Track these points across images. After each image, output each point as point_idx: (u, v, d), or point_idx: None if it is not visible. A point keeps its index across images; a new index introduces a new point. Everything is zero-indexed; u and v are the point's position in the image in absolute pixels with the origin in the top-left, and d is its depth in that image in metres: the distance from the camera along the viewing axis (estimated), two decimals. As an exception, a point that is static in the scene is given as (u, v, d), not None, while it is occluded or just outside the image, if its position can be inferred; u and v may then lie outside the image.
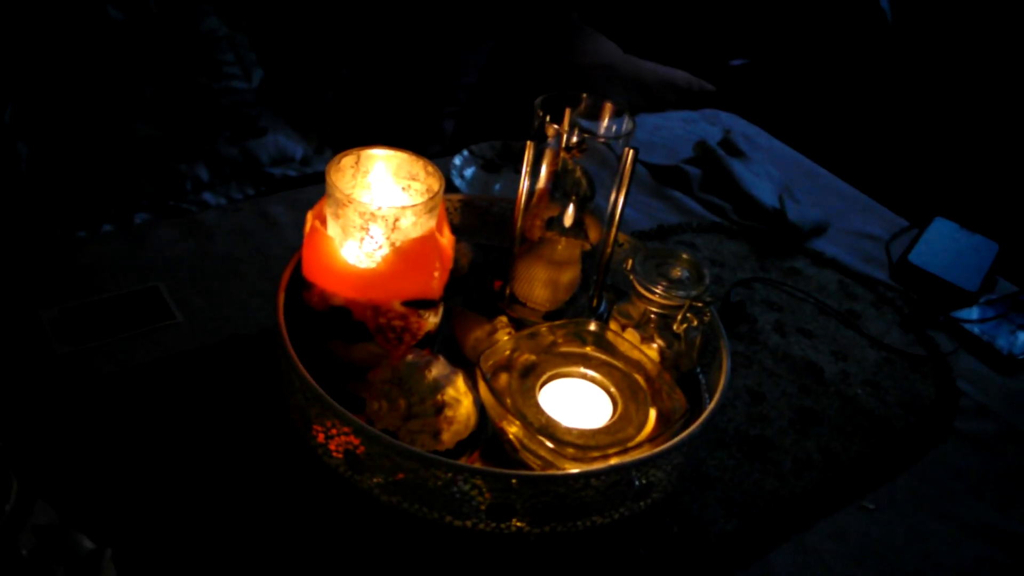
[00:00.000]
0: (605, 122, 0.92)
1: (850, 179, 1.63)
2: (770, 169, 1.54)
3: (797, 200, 1.44)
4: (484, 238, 1.09)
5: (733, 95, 2.25)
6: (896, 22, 2.42)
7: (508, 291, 0.97)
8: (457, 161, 1.36)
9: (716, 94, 2.22)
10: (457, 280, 0.96)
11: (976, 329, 1.23)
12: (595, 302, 0.99)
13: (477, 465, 0.81)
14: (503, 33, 2.31)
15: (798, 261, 1.34)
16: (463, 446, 0.80)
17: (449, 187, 1.26)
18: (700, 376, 0.95)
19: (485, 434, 0.83)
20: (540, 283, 0.94)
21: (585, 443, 0.77)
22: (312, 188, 1.32)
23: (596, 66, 2.21)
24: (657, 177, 1.49)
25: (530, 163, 0.89)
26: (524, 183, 0.90)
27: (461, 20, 2.31)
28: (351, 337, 0.83)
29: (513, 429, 0.77)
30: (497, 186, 1.35)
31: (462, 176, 1.34)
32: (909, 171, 2.30)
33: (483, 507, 0.73)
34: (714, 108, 1.87)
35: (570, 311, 0.97)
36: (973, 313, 1.26)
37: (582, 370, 0.85)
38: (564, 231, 0.92)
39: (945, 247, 1.38)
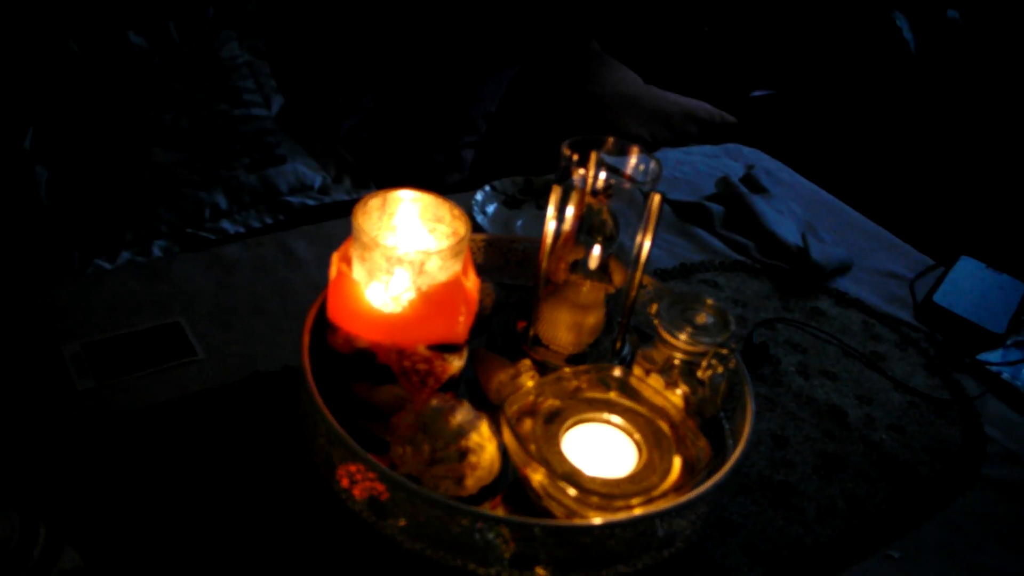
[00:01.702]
0: (632, 161, 0.92)
1: (873, 216, 1.62)
2: (792, 206, 1.53)
3: (821, 238, 1.43)
4: (507, 277, 1.09)
5: (755, 127, 2.24)
6: (920, 54, 2.42)
7: (532, 333, 0.96)
8: (479, 197, 1.36)
9: (737, 126, 2.22)
10: (480, 320, 0.95)
11: (1003, 372, 1.21)
12: (619, 345, 0.98)
13: (499, 511, 0.80)
14: (523, 62, 2.31)
15: (821, 301, 1.33)
16: (486, 491, 0.79)
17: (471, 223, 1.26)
18: (724, 421, 0.94)
19: (507, 479, 0.83)
20: (564, 326, 0.94)
21: (609, 492, 0.76)
22: (333, 223, 1.31)
23: (616, 96, 2.21)
24: (679, 214, 1.48)
25: (556, 206, 0.88)
26: (550, 226, 0.90)
27: (481, 49, 2.31)
28: (376, 380, 0.83)
29: (538, 477, 0.77)
30: (519, 222, 1.35)
31: (484, 212, 1.34)
32: (934, 208, 2.29)
33: (507, 555, 0.72)
34: (735, 140, 1.87)
35: (594, 354, 0.97)
36: (1000, 356, 1.24)
37: (606, 416, 0.85)
38: (589, 274, 0.92)
39: (971, 287, 1.37)
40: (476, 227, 1.28)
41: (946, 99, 2.42)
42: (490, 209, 1.36)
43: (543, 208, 1.38)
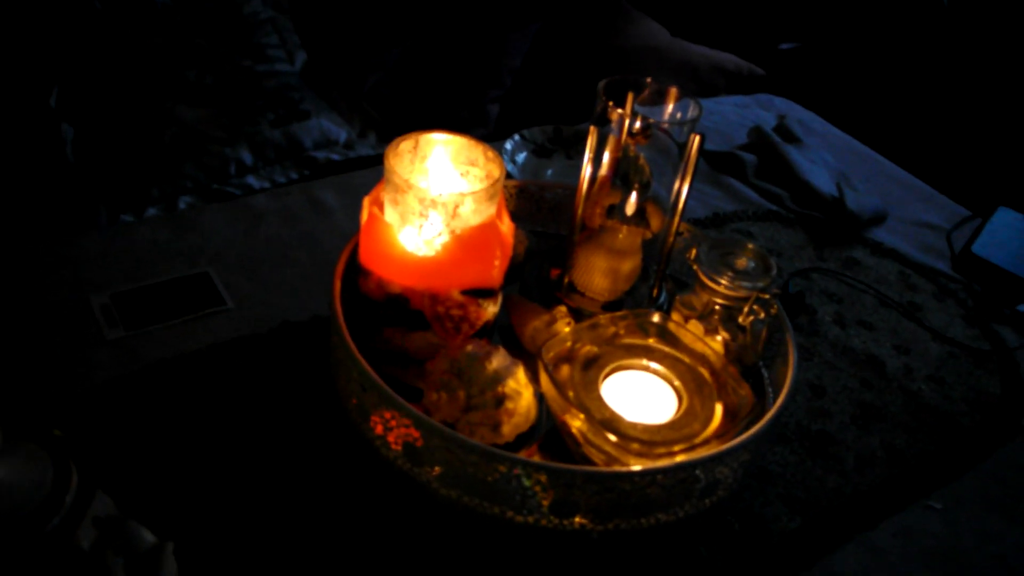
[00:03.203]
0: (669, 108, 0.89)
1: (908, 166, 1.59)
2: (826, 156, 1.50)
3: (855, 188, 1.40)
4: (539, 224, 1.07)
5: (783, 79, 2.21)
6: (953, 2, 2.37)
7: (567, 280, 0.95)
8: (508, 146, 1.34)
9: (766, 78, 2.18)
10: (513, 267, 0.94)
11: (1043, 323, 1.19)
12: (655, 292, 0.96)
13: (536, 458, 0.79)
14: (548, 16, 2.28)
15: (856, 251, 1.30)
16: (522, 439, 0.78)
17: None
18: (763, 370, 0.92)
19: (543, 427, 0.81)
20: (600, 272, 0.92)
21: (651, 438, 0.75)
22: (360, 173, 1.30)
23: (643, 49, 2.18)
24: (712, 163, 1.46)
25: (593, 149, 0.86)
26: (586, 170, 0.88)
27: (506, 3, 2.28)
28: (408, 326, 0.81)
29: (577, 423, 0.75)
30: (549, 171, 1.33)
31: (514, 161, 1.32)
32: (970, 158, 2.24)
33: (545, 503, 0.71)
34: (765, 92, 1.83)
35: (629, 301, 0.95)
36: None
37: (645, 362, 0.83)
38: (625, 219, 0.90)
39: (1010, 238, 1.34)
40: (506, 176, 1.26)
41: (979, 48, 2.37)
42: (520, 158, 1.34)
43: (573, 158, 1.37)
